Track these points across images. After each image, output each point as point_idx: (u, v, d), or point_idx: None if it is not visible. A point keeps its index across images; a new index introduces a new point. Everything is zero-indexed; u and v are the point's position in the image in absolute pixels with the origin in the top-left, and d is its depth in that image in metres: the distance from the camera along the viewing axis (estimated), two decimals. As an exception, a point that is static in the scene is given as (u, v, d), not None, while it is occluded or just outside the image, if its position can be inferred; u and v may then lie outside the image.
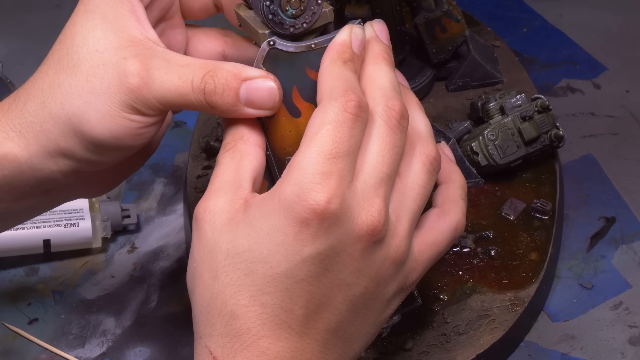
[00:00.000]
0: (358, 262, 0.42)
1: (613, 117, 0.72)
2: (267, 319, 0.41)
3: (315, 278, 0.41)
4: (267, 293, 0.41)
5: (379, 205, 0.42)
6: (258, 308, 0.41)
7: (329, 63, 0.43)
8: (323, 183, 0.40)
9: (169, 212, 0.66)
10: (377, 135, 0.43)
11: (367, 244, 0.42)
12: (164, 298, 0.60)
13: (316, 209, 0.40)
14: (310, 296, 0.41)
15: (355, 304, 0.43)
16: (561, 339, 0.57)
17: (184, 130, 0.72)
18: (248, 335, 0.41)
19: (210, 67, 0.43)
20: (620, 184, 0.67)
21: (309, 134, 0.42)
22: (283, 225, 0.41)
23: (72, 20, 0.44)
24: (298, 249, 0.41)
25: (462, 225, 0.47)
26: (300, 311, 0.41)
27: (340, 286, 0.42)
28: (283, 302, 0.41)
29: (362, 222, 0.41)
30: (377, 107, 0.43)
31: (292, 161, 0.42)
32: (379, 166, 0.42)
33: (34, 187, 0.45)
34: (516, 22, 0.81)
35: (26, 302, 0.60)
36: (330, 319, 0.42)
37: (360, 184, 0.42)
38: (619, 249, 0.62)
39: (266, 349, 0.41)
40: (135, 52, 0.43)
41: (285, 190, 0.41)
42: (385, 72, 0.44)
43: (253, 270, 0.41)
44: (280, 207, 0.41)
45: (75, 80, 0.43)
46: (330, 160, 0.41)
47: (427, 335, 0.54)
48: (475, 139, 0.62)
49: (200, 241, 0.42)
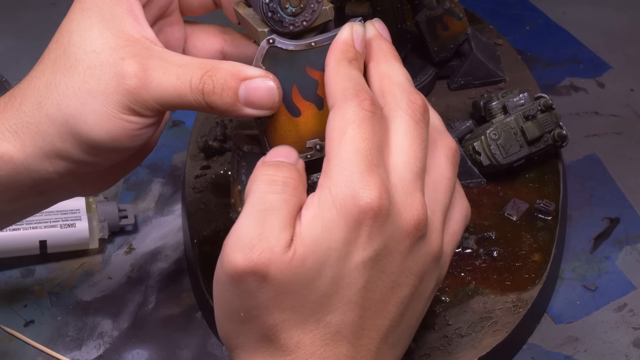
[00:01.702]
0: (407, 259, 0.42)
1: (617, 116, 0.72)
2: (330, 338, 0.41)
3: (372, 282, 0.41)
4: (332, 311, 0.41)
5: (420, 199, 0.42)
6: (323, 329, 0.41)
7: (335, 63, 0.43)
8: (370, 180, 0.40)
9: (167, 213, 0.66)
10: (405, 130, 0.42)
11: (414, 239, 0.42)
12: (162, 300, 0.60)
13: (371, 206, 0.40)
14: (368, 303, 0.41)
15: (404, 305, 0.43)
16: (564, 341, 0.57)
17: (182, 130, 0.72)
18: (312, 359, 0.41)
19: (208, 66, 0.42)
20: (625, 184, 0.67)
21: (334, 137, 0.41)
22: (345, 233, 0.40)
23: (69, 19, 0.44)
24: (359, 255, 0.40)
25: (470, 210, 0.47)
26: (358, 322, 0.41)
27: (393, 288, 0.42)
28: (345, 316, 0.41)
29: (408, 217, 0.41)
30: (400, 102, 0.43)
31: (330, 165, 0.41)
32: (413, 160, 0.42)
33: (30, 187, 0.45)
34: (519, 20, 0.81)
35: (22, 303, 0.60)
36: (382, 325, 0.42)
37: (397, 179, 0.42)
38: (623, 249, 0.62)
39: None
40: (133, 52, 0.42)
41: (339, 195, 0.40)
42: (398, 68, 0.44)
43: (323, 294, 0.40)
44: (339, 214, 0.40)
45: (72, 81, 0.43)
46: (367, 157, 0.41)
47: (428, 338, 0.54)
48: (477, 139, 0.62)
49: (249, 294, 0.40)
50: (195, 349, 0.57)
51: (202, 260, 0.59)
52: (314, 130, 0.46)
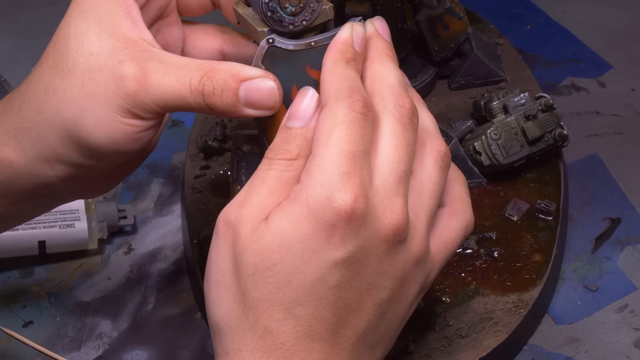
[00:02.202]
0: (384, 263, 0.42)
1: (618, 116, 0.72)
2: (301, 331, 0.41)
3: (346, 283, 0.41)
4: (301, 304, 0.41)
5: (401, 203, 0.42)
6: (292, 321, 0.41)
7: (331, 63, 0.43)
8: (348, 182, 0.40)
9: (166, 213, 0.66)
10: (391, 133, 0.42)
11: (392, 243, 0.42)
12: (161, 300, 0.60)
13: (345, 209, 0.40)
14: (341, 303, 0.41)
15: (382, 308, 0.42)
16: (565, 342, 0.57)
17: (181, 130, 0.72)
18: (281, 350, 0.40)
19: (207, 67, 0.42)
20: (626, 184, 0.67)
21: (321, 136, 0.41)
22: (315, 230, 0.40)
23: (66, 22, 0.44)
24: (331, 254, 0.40)
25: (472, 222, 0.47)
26: (332, 319, 0.41)
27: (368, 290, 0.42)
28: (316, 311, 0.41)
29: (387, 222, 0.41)
30: (388, 105, 0.43)
31: (311, 164, 0.41)
32: (396, 164, 0.42)
33: (31, 191, 0.45)
34: (520, 19, 0.81)
35: (21, 304, 0.60)
36: (359, 325, 0.42)
37: (379, 182, 0.42)
38: (625, 250, 0.62)
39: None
40: (131, 54, 0.42)
41: (313, 194, 0.40)
42: (391, 69, 0.44)
43: (286, 282, 0.40)
44: (310, 211, 0.40)
45: (71, 85, 0.43)
46: (350, 159, 0.40)
47: (429, 338, 0.54)
48: (478, 139, 0.62)
49: (224, 253, 0.42)
50: (194, 350, 0.57)
51: (202, 260, 0.59)
52: (314, 130, 0.46)
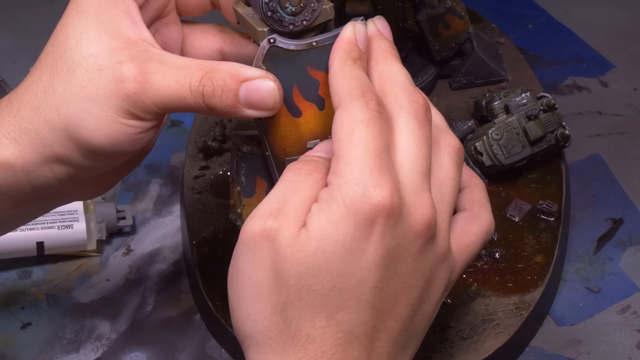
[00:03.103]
0: (417, 261, 0.42)
1: (621, 115, 0.72)
2: (342, 338, 0.40)
3: (384, 282, 0.41)
4: (343, 308, 0.40)
5: (429, 199, 0.42)
6: (334, 327, 0.40)
7: (340, 63, 0.43)
8: (381, 178, 0.40)
9: (166, 214, 0.65)
10: (409, 130, 0.42)
11: (424, 240, 0.41)
12: (160, 302, 0.60)
13: (384, 204, 0.39)
14: (380, 304, 0.41)
15: (414, 308, 0.42)
16: (567, 343, 0.57)
17: (180, 130, 0.72)
18: (323, 359, 0.40)
19: (207, 68, 0.42)
20: (628, 185, 0.66)
21: (342, 136, 0.41)
22: (355, 229, 0.40)
23: (64, 21, 0.44)
24: (371, 253, 0.40)
25: (493, 226, 0.47)
26: (371, 323, 0.41)
27: (403, 290, 0.41)
28: (357, 315, 0.40)
29: (419, 218, 0.41)
30: (402, 102, 0.43)
31: (338, 165, 0.41)
32: (419, 160, 0.42)
33: (30, 194, 0.45)
34: (521, 18, 0.81)
35: (19, 306, 0.60)
36: (393, 328, 0.42)
37: (405, 179, 0.41)
38: (627, 251, 0.62)
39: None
40: (131, 55, 0.42)
41: (349, 192, 0.40)
42: (398, 67, 0.44)
43: (330, 288, 0.40)
44: (348, 210, 0.40)
45: (71, 85, 0.42)
46: (377, 156, 0.40)
47: (429, 340, 0.54)
48: (479, 139, 0.62)
49: (259, 265, 0.40)
50: (194, 352, 0.57)
51: (201, 261, 0.59)
52: (315, 130, 0.46)
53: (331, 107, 0.45)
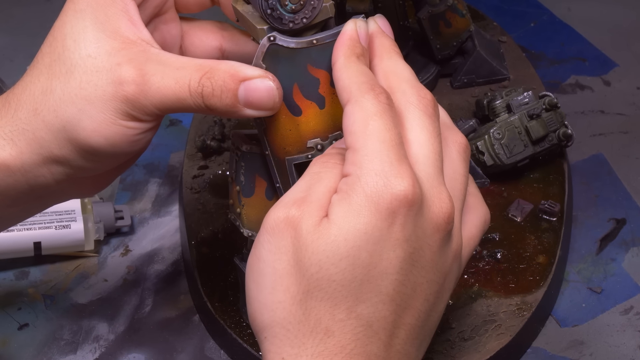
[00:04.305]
0: (435, 254, 0.41)
1: (623, 115, 0.72)
2: (361, 332, 0.40)
3: (404, 275, 0.40)
4: (363, 301, 0.40)
5: (447, 193, 0.42)
6: (354, 321, 0.40)
7: (344, 59, 0.43)
8: (401, 169, 0.40)
9: (164, 214, 0.65)
10: (420, 125, 0.42)
11: (443, 234, 0.41)
12: (158, 302, 0.60)
13: (405, 194, 0.39)
14: (399, 298, 0.40)
15: (430, 303, 0.42)
16: (570, 344, 0.57)
17: (179, 129, 0.72)
18: (342, 354, 0.39)
19: (206, 68, 0.42)
20: (631, 184, 0.66)
21: (356, 130, 0.41)
22: (377, 220, 0.39)
23: (62, 20, 0.44)
24: (392, 243, 0.40)
25: (489, 216, 0.47)
26: (390, 317, 0.40)
27: (421, 284, 0.41)
28: (377, 308, 0.40)
29: (438, 211, 0.41)
30: (411, 98, 0.43)
31: (355, 157, 0.40)
32: (433, 154, 0.42)
33: (27, 193, 0.45)
34: (523, 16, 0.81)
35: (16, 306, 0.60)
36: (410, 323, 0.41)
37: (422, 173, 0.41)
38: (630, 251, 0.62)
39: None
40: (129, 56, 0.42)
41: (369, 182, 0.39)
42: (402, 64, 0.44)
43: (351, 278, 0.39)
44: (369, 200, 0.39)
45: (69, 87, 0.42)
46: (394, 147, 0.40)
47: (431, 341, 0.53)
48: (480, 138, 0.62)
49: (281, 253, 0.40)
50: (192, 353, 0.57)
51: (200, 262, 0.59)
52: (315, 129, 0.46)
53: (331, 105, 0.45)
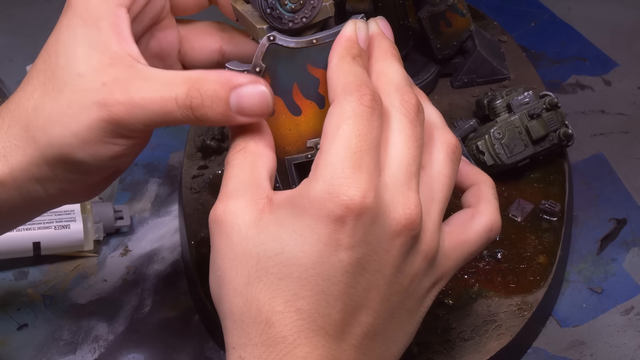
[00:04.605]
0: (394, 259, 0.42)
1: (624, 114, 0.72)
2: (304, 325, 0.40)
3: (352, 278, 0.41)
4: (303, 297, 0.40)
5: (414, 198, 0.42)
6: (294, 314, 0.40)
7: (338, 59, 0.43)
8: (355, 177, 0.40)
9: (164, 214, 0.65)
10: (399, 128, 0.42)
11: (406, 239, 0.41)
12: (158, 303, 0.59)
13: (351, 204, 0.40)
14: (347, 299, 0.41)
15: (391, 303, 0.42)
16: (570, 345, 0.57)
17: (178, 129, 0.72)
18: (284, 343, 0.40)
19: (193, 79, 0.42)
20: (632, 184, 0.66)
21: (329, 131, 0.41)
22: (316, 224, 0.40)
23: (55, 37, 0.44)
24: (333, 249, 0.40)
25: (499, 224, 0.47)
26: (337, 315, 0.41)
27: (377, 286, 0.41)
28: (320, 306, 0.40)
29: (399, 217, 0.41)
30: (394, 101, 0.43)
31: (318, 159, 0.41)
32: (407, 159, 0.42)
33: (20, 205, 0.45)
34: (523, 16, 0.81)
35: (15, 307, 0.60)
36: (367, 321, 0.42)
37: (390, 178, 0.42)
38: (631, 251, 0.62)
39: (303, 359, 0.40)
40: (115, 74, 0.42)
41: (314, 189, 0.40)
42: (396, 67, 0.44)
43: (287, 273, 0.40)
44: (311, 206, 0.40)
45: (58, 105, 0.43)
46: (358, 154, 0.40)
47: (431, 342, 0.54)
48: (481, 138, 0.62)
49: (225, 246, 0.41)
50: (192, 353, 0.57)
51: (199, 262, 0.59)
52: (315, 129, 0.46)
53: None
